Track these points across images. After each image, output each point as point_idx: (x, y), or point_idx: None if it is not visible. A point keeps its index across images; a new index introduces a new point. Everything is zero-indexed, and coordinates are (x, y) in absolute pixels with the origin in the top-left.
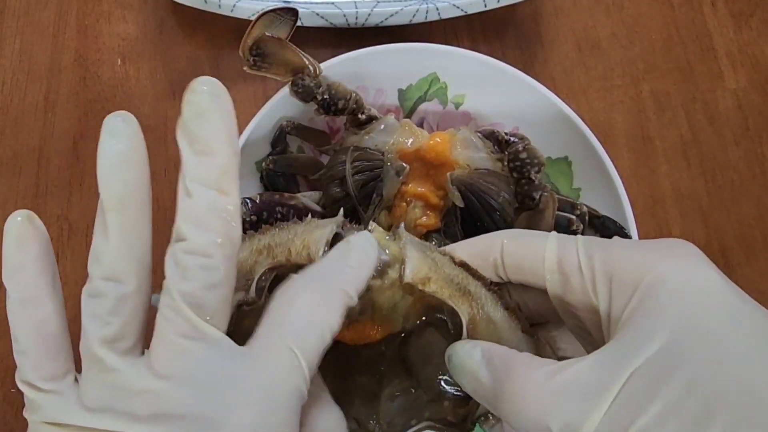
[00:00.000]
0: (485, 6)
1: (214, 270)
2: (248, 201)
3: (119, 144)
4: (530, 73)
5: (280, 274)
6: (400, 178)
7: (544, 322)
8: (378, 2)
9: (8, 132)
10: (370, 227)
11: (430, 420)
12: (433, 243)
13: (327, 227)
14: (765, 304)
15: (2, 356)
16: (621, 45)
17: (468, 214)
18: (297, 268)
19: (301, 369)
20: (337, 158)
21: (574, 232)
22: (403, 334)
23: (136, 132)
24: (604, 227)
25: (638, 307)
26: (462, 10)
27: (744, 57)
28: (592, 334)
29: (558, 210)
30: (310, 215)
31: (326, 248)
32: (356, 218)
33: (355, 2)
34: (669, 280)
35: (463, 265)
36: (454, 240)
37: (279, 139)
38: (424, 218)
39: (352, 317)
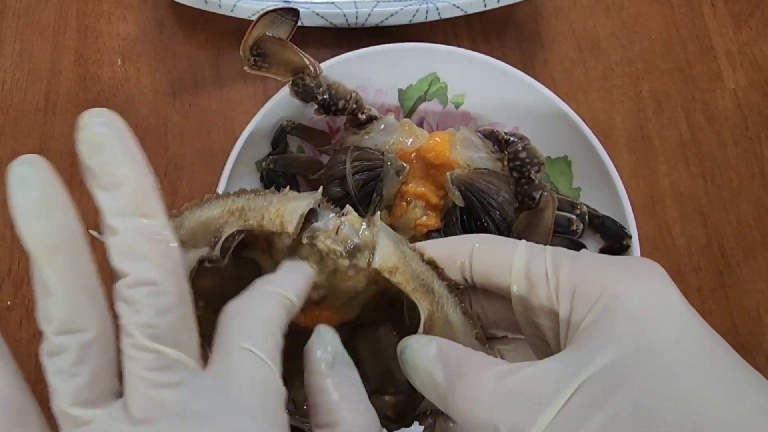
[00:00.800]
0: (485, 6)
1: (163, 294)
2: None
3: (32, 192)
4: (530, 73)
5: (246, 239)
6: (400, 177)
7: (499, 337)
8: (378, 2)
9: (8, 132)
10: (344, 211)
11: None
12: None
13: (304, 200)
14: (764, 304)
15: None
16: (621, 45)
17: (468, 214)
18: (267, 235)
19: (264, 363)
20: (337, 158)
21: (575, 232)
22: (356, 324)
23: (48, 174)
24: (604, 227)
25: (596, 319)
26: (462, 10)
27: (743, 57)
28: (551, 346)
29: (558, 209)
30: (288, 187)
31: (300, 221)
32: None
33: (355, 2)
34: (629, 296)
35: (431, 264)
36: None
37: (279, 138)
38: (424, 218)
39: (311, 299)
